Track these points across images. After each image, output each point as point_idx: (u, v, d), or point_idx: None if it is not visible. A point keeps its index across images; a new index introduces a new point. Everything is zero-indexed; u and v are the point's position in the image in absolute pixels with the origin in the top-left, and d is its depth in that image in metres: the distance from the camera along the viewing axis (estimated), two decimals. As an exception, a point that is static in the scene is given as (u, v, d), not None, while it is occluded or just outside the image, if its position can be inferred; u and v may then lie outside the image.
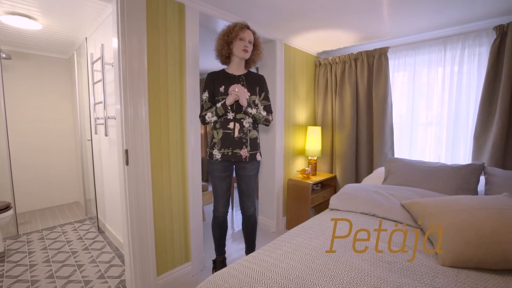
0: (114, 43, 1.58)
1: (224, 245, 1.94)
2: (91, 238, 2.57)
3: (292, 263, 1.07)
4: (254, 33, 1.74)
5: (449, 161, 2.34)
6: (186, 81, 1.85)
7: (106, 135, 2.16)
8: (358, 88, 2.77)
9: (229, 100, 1.64)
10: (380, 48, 2.56)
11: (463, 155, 2.28)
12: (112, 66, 2.16)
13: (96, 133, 2.51)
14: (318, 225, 1.45)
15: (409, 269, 1.04)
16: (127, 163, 1.59)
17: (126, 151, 1.58)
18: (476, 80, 2.20)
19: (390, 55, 2.60)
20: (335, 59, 2.89)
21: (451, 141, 2.33)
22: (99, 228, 2.78)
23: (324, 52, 3.11)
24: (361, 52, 2.68)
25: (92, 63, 2.39)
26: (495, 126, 2.00)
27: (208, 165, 1.82)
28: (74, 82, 3.30)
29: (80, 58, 2.99)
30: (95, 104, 2.44)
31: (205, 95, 1.77)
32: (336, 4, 1.85)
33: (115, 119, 2.16)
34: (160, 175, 1.76)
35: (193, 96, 1.90)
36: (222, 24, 2.09)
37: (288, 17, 2.08)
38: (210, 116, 1.72)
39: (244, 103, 1.64)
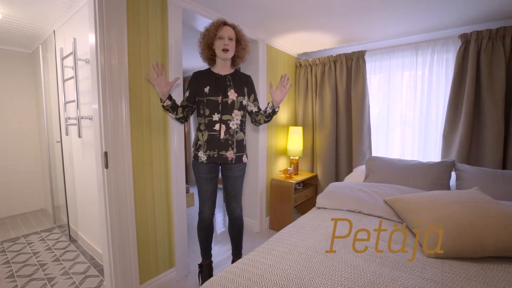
0: (90, 38, 1.47)
1: (210, 248, 1.89)
2: (62, 248, 2.37)
3: (289, 263, 1.07)
4: (234, 27, 1.66)
5: (422, 159, 2.49)
6: (169, 79, 1.78)
7: (79, 136, 2.01)
8: (338, 90, 2.86)
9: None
10: (358, 51, 2.66)
11: (434, 153, 2.45)
12: (86, 62, 2.01)
13: (67, 134, 2.32)
14: (309, 224, 1.47)
15: (399, 263, 1.09)
16: (106, 166, 1.49)
17: (106, 154, 1.48)
18: (444, 83, 2.37)
19: (367, 58, 2.72)
20: (315, 60, 2.96)
21: (423, 140, 2.49)
22: (70, 237, 2.57)
23: (305, 54, 3.17)
24: (340, 54, 2.78)
25: (62, 59, 2.21)
26: (461, 126, 2.18)
27: (193, 166, 1.76)
28: (39, 78, 3.03)
29: (46, 52, 2.75)
30: (65, 103, 2.26)
31: (186, 94, 1.70)
32: (317, 7, 1.89)
33: (90, 119, 2.02)
34: (143, 179, 1.67)
35: (176, 95, 1.83)
36: (206, 23, 2.04)
37: (272, 17, 2.09)
38: (171, 116, 1.61)
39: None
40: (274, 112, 1.66)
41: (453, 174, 2.06)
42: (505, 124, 2.06)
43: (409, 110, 2.57)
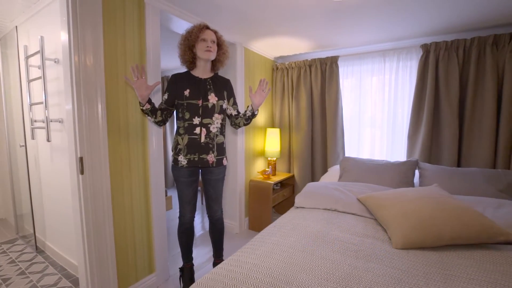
0: (62, 36, 1.41)
1: (191, 251, 1.88)
2: (28, 260, 2.21)
3: (273, 261, 1.12)
4: (215, 32, 1.69)
5: (390, 158, 2.69)
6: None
7: (48, 140, 1.89)
8: (313, 93, 2.98)
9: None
10: (332, 57, 2.80)
11: (401, 153, 2.65)
12: (56, 62, 1.91)
13: (33, 138, 2.17)
14: (288, 223, 1.53)
15: (372, 255, 1.19)
16: (81, 172, 1.43)
17: (81, 159, 1.42)
18: (408, 88, 2.58)
19: (340, 63, 2.87)
20: (291, 64, 3.06)
21: (391, 140, 2.69)
22: (37, 248, 2.41)
23: (281, 57, 3.26)
24: (315, 59, 2.90)
25: (27, 58, 2.06)
26: (423, 128, 2.39)
27: (173, 170, 1.74)
28: (-3, 77, 2.79)
29: (6, 49, 2.55)
30: (31, 104, 2.12)
31: (165, 97, 1.67)
32: (291, 15, 1.96)
33: (60, 122, 1.92)
34: (120, 184, 1.63)
35: (155, 97, 1.80)
36: (185, 25, 2.04)
37: (249, 22, 2.13)
38: (149, 119, 1.59)
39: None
40: (253, 115, 1.70)
41: (417, 172, 2.25)
42: (459, 126, 2.30)
43: (378, 112, 2.76)
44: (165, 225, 1.92)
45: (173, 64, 3.68)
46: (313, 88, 2.96)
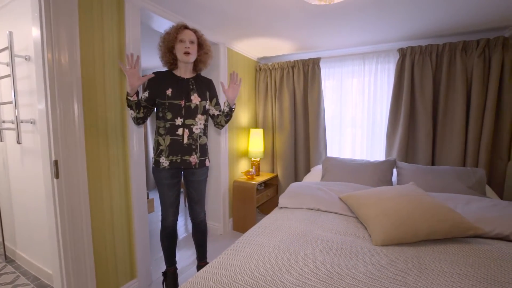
0: (34, 31, 1.34)
1: (174, 255, 1.85)
2: (-4, 270, 2.07)
3: (257, 262, 1.13)
4: (195, 32, 1.65)
5: (370, 157, 2.78)
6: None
7: (19, 143, 1.78)
8: (295, 93, 3.02)
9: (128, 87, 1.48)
10: (314, 58, 2.85)
11: (380, 152, 2.75)
12: (26, 59, 1.80)
13: (1, 140, 2.03)
14: (272, 224, 1.54)
15: (353, 253, 1.22)
16: (57, 176, 1.36)
17: (56, 162, 1.35)
18: (386, 90, 2.68)
19: (322, 65, 2.93)
20: (274, 65, 3.08)
21: (371, 140, 2.78)
22: (6, 257, 2.26)
23: (264, 58, 3.27)
24: (297, 60, 2.94)
25: (-7, 54, 1.93)
26: (400, 128, 2.49)
27: (154, 173, 1.70)
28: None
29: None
30: (-1, 104, 1.98)
31: (145, 95, 1.61)
32: (274, 17, 1.98)
33: (32, 123, 1.82)
34: (99, 188, 1.56)
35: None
36: (167, 24, 1.99)
37: (231, 22, 2.12)
38: (131, 114, 1.55)
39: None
40: (231, 110, 1.69)
41: (395, 170, 2.35)
42: (433, 126, 2.42)
43: (359, 113, 2.84)
44: (147, 228, 1.87)
45: (155, 63, 3.58)
46: (296, 89, 3.00)
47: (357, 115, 2.85)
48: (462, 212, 1.51)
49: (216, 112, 1.76)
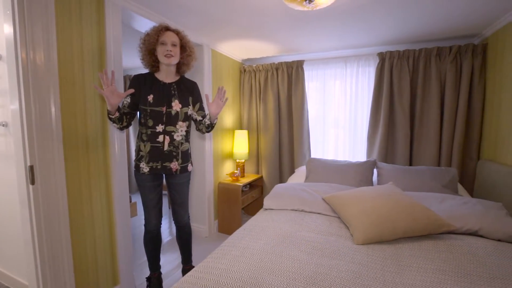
0: (6, 29, 1.27)
1: (159, 259, 1.82)
2: (-35, 282, 1.95)
3: (243, 265, 1.14)
4: (178, 33, 1.60)
5: (352, 158, 2.87)
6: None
7: (-10, 146, 1.69)
8: (280, 95, 3.05)
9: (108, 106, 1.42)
10: (298, 61, 2.90)
11: (362, 153, 2.84)
12: (-2, 58, 1.71)
13: (-30, 143, 1.91)
14: (257, 226, 1.56)
15: (336, 252, 1.26)
16: (32, 182, 1.31)
17: (31, 167, 1.30)
18: (367, 92, 2.77)
19: (305, 67, 2.98)
20: (258, 67, 3.10)
21: (352, 141, 2.87)
22: (-24, 267, 2.13)
23: (249, 60, 3.28)
24: (281, 62, 2.97)
25: (-39, 52, 1.81)
26: (380, 129, 2.59)
27: (135, 176, 1.67)
28: None
29: None
30: (-34, 105, 1.86)
31: (127, 100, 1.57)
32: (257, 19, 1.99)
33: (4, 125, 1.73)
34: (79, 194, 1.51)
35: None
36: (149, 24, 1.96)
37: (215, 24, 2.12)
38: (114, 125, 1.51)
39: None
40: (211, 125, 1.66)
41: (375, 171, 2.43)
42: (411, 128, 2.53)
43: (341, 114, 2.92)
44: (130, 233, 1.83)
45: (137, 63, 3.50)
46: (280, 91, 3.04)
47: (340, 116, 2.93)
48: (437, 210, 1.60)
49: (199, 118, 1.72)
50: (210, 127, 1.69)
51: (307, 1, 1.29)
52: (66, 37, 1.42)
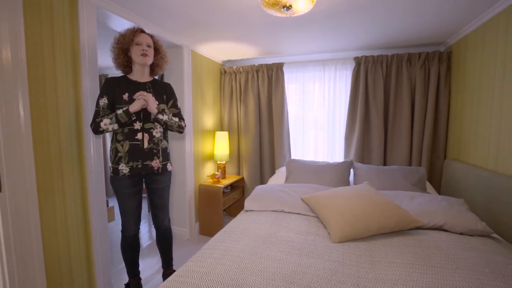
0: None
1: (137, 265, 1.79)
2: None
3: (224, 267, 1.15)
4: (152, 37, 1.65)
5: (330, 159, 2.96)
6: (82, 81, 1.60)
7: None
8: (260, 97, 3.09)
9: (135, 107, 1.50)
10: (277, 63, 2.95)
11: (339, 154, 2.94)
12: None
13: None
14: (238, 227, 1.58)
15: (313, 251, 1.31)
16: (-1, 189, 1.24)
17: (-2, 174, 1.23)
18: (344, 95, 2.88)
19: (285, 70, 3.04)
20: (239, 68, 3.11)
21: (331, 142, 2.96)
22: None
23: (229, 61, 3.29)
24: (262, 64, 3.01)
25: None
26: (357, 131, 2.70)
27: (112, 182, 1.61)
28: None
29: None
30: None
31: (103, 101, 1.54)
32: (237, 21, 2.01)
33: (-34, 128, 1.61)
34: (51, 200, 1.45)
35: (91, 98, 1.66)
36: (126, 24, 1.92)
37: (195, 25, 2.11)
38: (107, 123, 1.48)
39: (153, 109, 1.53)
40: (156, 119, 1.59)
41: (352, 171, 2.54)
42: (384, 129, 2.66)
43: (320, 116, 3.01)
44: (107, 239, 1.77)
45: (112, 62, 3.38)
46: (261, 93, 3.07)
47: (319, 118, 3.01)
48: (407, 207, 1.70)
49: (171, 116, 1.71)
50: (166, 124, 1.63)
51: (285, 8, 1.33)
52: (35, 35, 1.36)
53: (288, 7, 1.33)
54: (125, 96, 1.56)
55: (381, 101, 2.61)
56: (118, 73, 2.95)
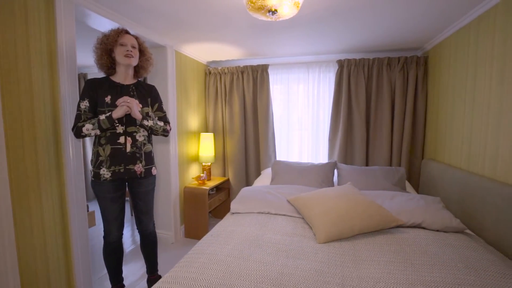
0: None
1: (120, 272, 1.74)
2: None
3: (211, 272, 1.15)
4: (137, 38, 1.62)
5: (315, 160, 3.02)
6: (60, 83, 1.53)
7: None
8: (245, 98, 3.09)
9: (118, 113, 1.45)
10: (262, 65, 2.96)
11: (324, 155, 3.00)
12: None
13: None
14: (225, 231, 1.57)
15: (300, 252, 1.33)
16: (-31, 197, 1.16)
17: (-32, 181, 1.15)
18: (328, 97, 2.94)
19: (270, 71, 3.06)
20: (224, 69, 3.10)
21: (315, 143, 3.02)
22: None
23: (214, 62, 3.27)
24: (247, 66, 3.01)
25: None
26: (340, 132, 2.77)
27: (93, 186, 1.56)
28: None
29: None
30: None
31: (85, 103, 1.49)
32: (222, 23, 2.00)
33: None
34: (27, 205, 1.38)
35: (70, 101, 1.59)
36: (107, 23, 1.86)
37: (179, 26, 2.08)
38: (90, 129, 1.44)
39: (137, 115, 1.50)
40: (141, 125, 1.56)
41: (336, 171, 2.60)
42: (366, 130, 2.75)
43: (304, 117, 3.05)
44: (88, 245, 1.71)
45: (92, 62, 3.26)
46: (246, 94, 3.07)
47: (304, 119, 3.06)
48: (388, 207, 1.77)
49: (156, 120, 1.68)
50: (151, 129, 1.60)
51: (271, 12, 1.34)
52: (7, 33, 1.29)
53: (274, 12, 1.34)
54: (107, 99, 1.51)
55: (363, 103, 2.69)
56: (98, 72, 2.86)
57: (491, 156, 1.60)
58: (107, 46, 1.52)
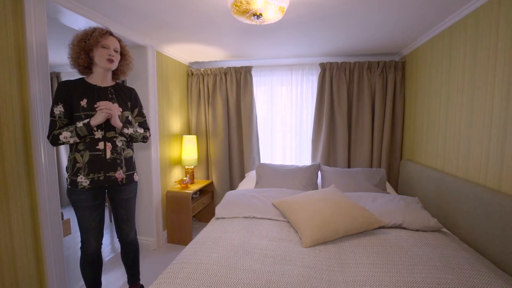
0: None
1: (99, 283, 1.65)
2: None
3: (197, 283, 1.11)
4: (120, 41, 1.55)
5: (298, 162, 3.04)
6: (30, 84, 1.43)
7: None
8: (229, 100, 3.06)
9: (97, 120, 1.38)
10: (246, 67, 2.94)
11: (307, 157, 3.03)
12: None
13: None
14: (210, 237, 1.54)
15: (286, 258, 1.33)
16: None
17: None
18: (311, 99, 2.98)
19: (253, 73, 3.05)
20: (206, 70, 3.04)
21: (299, 145, 3.04)
22: None
23: (196, 63, 3.20)
24: (230, 67, 2.98)
25: None
26: (323, 134, 2.81)
27: (70, 195, 1.46)
28: None
29: None
30: None
31: (59, 109, 1.39)
32: (205, 24, 1.96)
33: None
34: (-7, 218, 1.27)
35: (42, 103, 1.49)
36: (81, 20, 1.75)
37: (160, 26, 2.01)
38: (68, 136, 1.36)
39: (118, 124, 1.43)
40: (121, 134, 1.51)
41: (320, 173, 2.63)
42: (348, 132, 2.81)
43: (288, 120, 3.07)
44: (62, 255, 1.61)
45: (64, 60, 3.07)
46: (229, 96, 3.04)
47: (287, 121, 3.08)
48: (370, 208, 1.81)
49: (136, 126, 1.62)
50: (131, 137, 1.56)
51: (256, 16, 1.32)
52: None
53: (259, 16, 1.33)
54: (83, 103, 1.42)
55: (345, 105, 2.75)
56: (72, 71, 2.71)
57: (464, 156, 1.69)
58: (87, 46, 1.42)
